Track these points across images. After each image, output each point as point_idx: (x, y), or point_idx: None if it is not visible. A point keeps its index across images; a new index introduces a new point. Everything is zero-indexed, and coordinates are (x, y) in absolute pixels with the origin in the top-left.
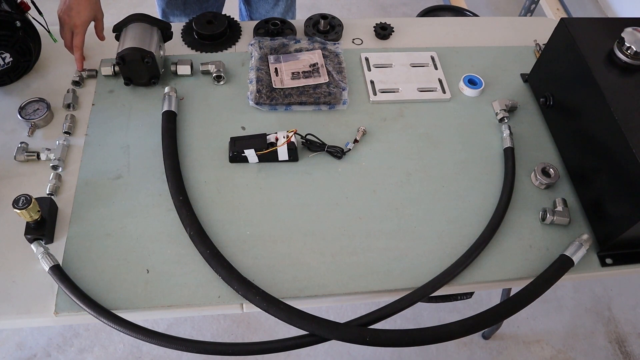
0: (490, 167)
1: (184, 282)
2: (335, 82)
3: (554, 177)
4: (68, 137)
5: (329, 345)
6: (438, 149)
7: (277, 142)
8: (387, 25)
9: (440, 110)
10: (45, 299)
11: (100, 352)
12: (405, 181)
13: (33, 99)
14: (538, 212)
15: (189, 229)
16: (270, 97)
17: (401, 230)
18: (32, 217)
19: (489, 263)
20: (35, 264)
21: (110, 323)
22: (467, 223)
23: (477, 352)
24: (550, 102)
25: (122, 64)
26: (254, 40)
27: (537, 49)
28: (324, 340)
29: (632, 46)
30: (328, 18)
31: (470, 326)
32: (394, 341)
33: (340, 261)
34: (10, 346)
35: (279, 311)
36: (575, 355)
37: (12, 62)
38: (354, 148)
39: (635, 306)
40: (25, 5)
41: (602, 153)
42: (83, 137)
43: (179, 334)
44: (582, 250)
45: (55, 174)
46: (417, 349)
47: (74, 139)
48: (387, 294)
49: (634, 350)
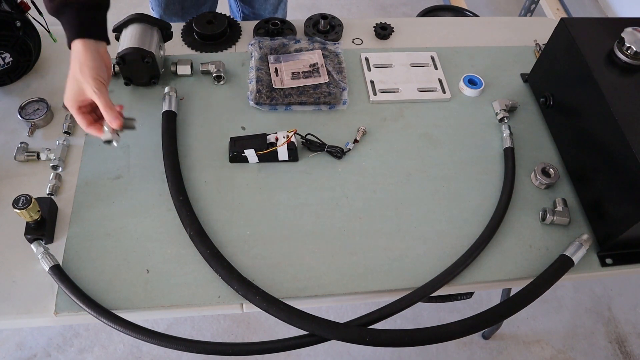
0: (490, 167)
1: (184, 282)
2: (335, 82)
3: (554, 177)
4: (68, 137)
5: (329, 345)
6: (438, 149)
7: (277, 142)
8: (387, 25)
9: (440, 110)
10: (45, 299)
11: (100, 352)
12: (405, 181)
13: (33, 99)
14: (538, 212)
15: (189, 229)
16: (270, 97)
17: (401, 230)
18: (32, 217)
19: (489, 263)
20: (35, 264)
21: (110, 323)
22: (467, 223)
23: (477, 352)
24: (550, 102)
25: (122, 64)
26: (254, 40)
27: (537, 49)
28: (324, 340)
29: (632, 46)
30: (328, 18)
31: (470, 326)
32: (394, 341)
33: (340, 261)
34: (10, 346)
35: (279, 311)
36: (575, 355)
37: (12, 62)
38: (354, 148)
39: (635, 306)
40: (25, 5)
41: (602, 153)
42: (83, 137)
43: (179, 334)
44: (582, 250)
45: (55, 174)
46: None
47: (74, 139)
48: (387, 294)
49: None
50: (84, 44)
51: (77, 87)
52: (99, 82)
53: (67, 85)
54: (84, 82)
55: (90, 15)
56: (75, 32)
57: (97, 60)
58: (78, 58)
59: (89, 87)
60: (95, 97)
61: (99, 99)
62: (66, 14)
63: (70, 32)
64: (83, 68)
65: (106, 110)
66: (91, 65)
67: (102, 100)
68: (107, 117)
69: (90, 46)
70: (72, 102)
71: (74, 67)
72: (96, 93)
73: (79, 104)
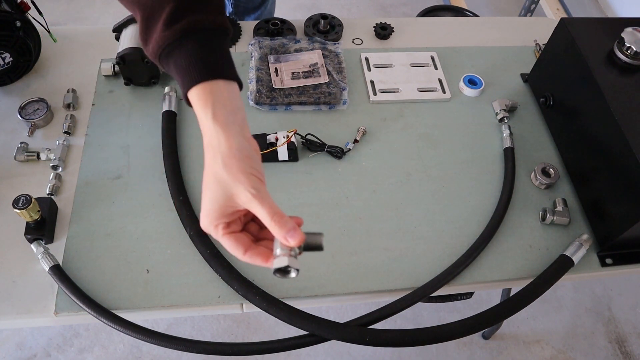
0: (490, 167)
1: (184, 282)
2: (335, 82)
3: (554, 177)
4: (68, 137)
5: (329, 345)
6: (438, 149)
7: (277, 142)
8: (387, 25)
9: (440, 110)
10: (45, 299)
11: (100, 352)
12: (405, 181)
13: (33, 99)
14: (538, 212)
15: (189, 229)
16: (270, 97)
17: (401, 230)
18: (32, 217)
19: (489, 263)
20: (35, 264)
21: (110, 323)
22: (467, 223)
23: (477, 352)
24: (550, 102)
25: (122, 64)
26: (254, 40)
27: (537, 49)
28: (324, 340)
29: (632, 46)
30: (328, 18)
31: (470, 326)
32: (394, 341)
33: (340, 261)
34: (10, 346)
35: (279, 311)
36: (576, 355)
37: (12, 62)
38: (354, 148)
39: (635, 306)
40: (25, 5)
41: (602, 153)
42: (83, 137)
43: (179, 334)
44: (582, 250)
45: (55, 174)
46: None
47: (74, 139)
48: (387, 294)
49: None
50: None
51: (222, 193)
52: (255, 178)
53: (205, 195)
54: (231, 182)
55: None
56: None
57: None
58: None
59: (244, 191)
60: (254, 203)
61: (261, 205)
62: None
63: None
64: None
65: (275, 222)
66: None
67: (265, 207)
68: (278, 233)
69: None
70: (217, 219)
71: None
72: (255, 197)
73: (227, 220)
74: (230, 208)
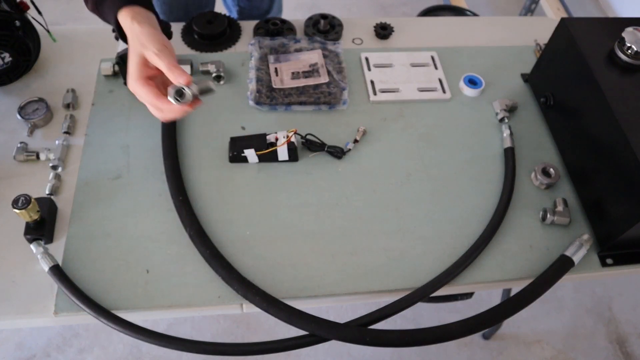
0: (490, 167)
1: (184, 282)
2: (335, 82)
3: (554, 177)
4: (68, 137)
5: (329, 345)
6: (438, 149)
7: (277, 142)
8: (387, 25)
9: (440, 110)
10: (44, 299)
11: (100, 352)
12: (405, 181)
13: (33, 99)
14: (538, 212)
15: (189, 229)
16: (270, 97)
17: (401, 230)
18: (31, 217)
19: (489, 263)
20: (35, 264)
21: (110, 323)
22: (467, 223)
23: (478, 352)
24: (550, 102)
25: (122, 64)
26: (253, 40)
27: (538, 49)
28: (324, 340)
29: (633, 46)
30: (328, 18)
31: (470, 326)
32: (394, 341)
33: (340, 261)
34: (10, 346)
35: (278, 311)
36: (576, 356)
37: (11, 62)
38: (354, 148)
39: (635, 306)
40: (24, 4)
41: (603, 153)
42: (83, 137)
43: (179, 334)
44: (583, 251)
45: (54, 174)
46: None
47: (74, 139)
48: (387, 294)
49: (635, 351)
50: (134, 12)
51: (139, 59)
52: (161, 44)
53: (129, 64)
54: (143, 49)
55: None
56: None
57: (154, 26)
58: (132, 30)
59: (150, 51)
60: (156, 59)
61: (162, 60)
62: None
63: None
64: (140, 36)
65: (171, 70)
66: (148, 31)
67: (165, 61)
68: (172, 77)
69: (142, 13)
70: (136, 77)
71: (132, 41)
72: (158, 55)
73: (144, 77)
74: (145, 67)
